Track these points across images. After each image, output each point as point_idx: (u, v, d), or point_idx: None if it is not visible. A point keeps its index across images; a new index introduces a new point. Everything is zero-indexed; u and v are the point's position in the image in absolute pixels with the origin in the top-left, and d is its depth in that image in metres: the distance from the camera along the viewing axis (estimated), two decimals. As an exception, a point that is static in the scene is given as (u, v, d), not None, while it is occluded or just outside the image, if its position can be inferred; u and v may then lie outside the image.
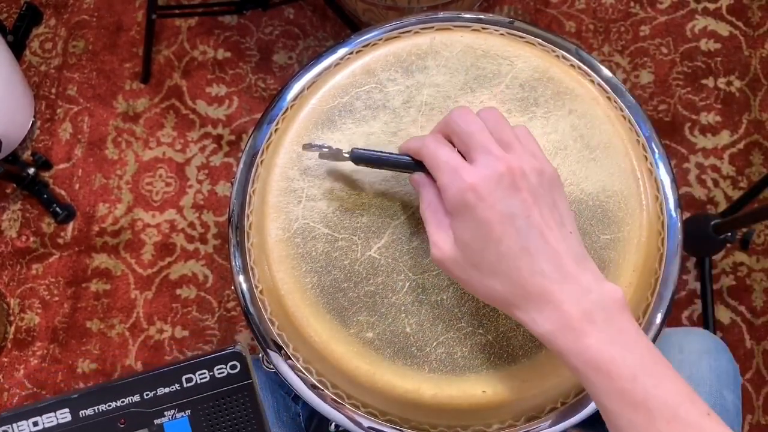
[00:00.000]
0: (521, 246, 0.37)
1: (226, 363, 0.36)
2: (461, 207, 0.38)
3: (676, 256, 0.50)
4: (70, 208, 1.29)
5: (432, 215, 0.41)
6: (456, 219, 0.39)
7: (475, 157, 0.39)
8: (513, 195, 0.37)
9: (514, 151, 0.39)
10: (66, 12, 1.42)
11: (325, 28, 1.37)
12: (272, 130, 0.53)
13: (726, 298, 1.18)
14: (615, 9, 1.33)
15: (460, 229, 0.38)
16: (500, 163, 0.37)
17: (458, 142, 0.40)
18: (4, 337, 1.24)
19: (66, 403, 0.35)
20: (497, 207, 0.37)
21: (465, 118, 0.40)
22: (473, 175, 0.37)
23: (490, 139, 0.39)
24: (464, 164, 0.39)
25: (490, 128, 0.40)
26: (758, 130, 1.25)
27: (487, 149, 0.38)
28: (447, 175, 0.39)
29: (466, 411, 0.44)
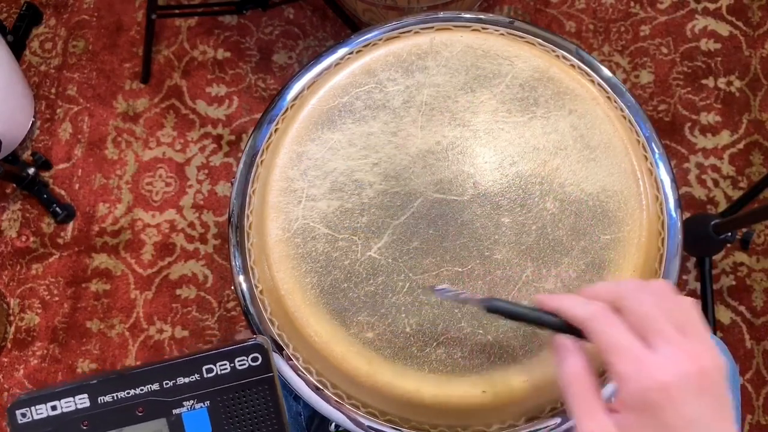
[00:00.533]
0: None
1: (247, 355, 0.36)
2: (644, 406, 0.34)
3: (676, 256, 0.50)
4: (70, 208, 1.29)
5: (581, 393, 0.37)
6: (631, 415, 0.35)
7: (655, 344, 0.35)
8: (700, 400, 0.34)
9: (691, 339, 0.35)
10: (66, 12, 1.42)
11: (325, 28, 1.37)
12: (272, 130, 0.53)
13: (726, 298, 1.18)
14: (615, 9, 1.33)
15: (634, 427, 0.34)
16: (686, 358, 0.34)
17: (632, 322, 0.36)
18: (4, 337, 1.24)
19: (85, 388, 0.35)
20: (684, 413, 0.34)
21: (641, 297, 0.36)
22: (663, 372, 0.34)
23: (669, 325, 0.35)
24: (649, 355, 0.35)
25: (664, 307, 0.36)
26: (758, 130, 1.25)
27: (669, 338, 0.35)
28: (630, 363, 0.34)
29: (466, 411, 0.44)
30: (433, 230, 0.47)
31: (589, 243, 0.47)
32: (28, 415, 0.34)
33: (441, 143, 0.50)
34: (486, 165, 0.49)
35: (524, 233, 0.47)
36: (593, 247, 0.47)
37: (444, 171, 0.49)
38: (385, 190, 0.49)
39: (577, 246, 0.47)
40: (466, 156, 0.49)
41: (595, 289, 0.39)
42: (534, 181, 0.49)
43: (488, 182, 0.48)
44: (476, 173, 0.49)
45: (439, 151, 0.49)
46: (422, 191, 0.48)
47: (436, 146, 0.50)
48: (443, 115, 0.50)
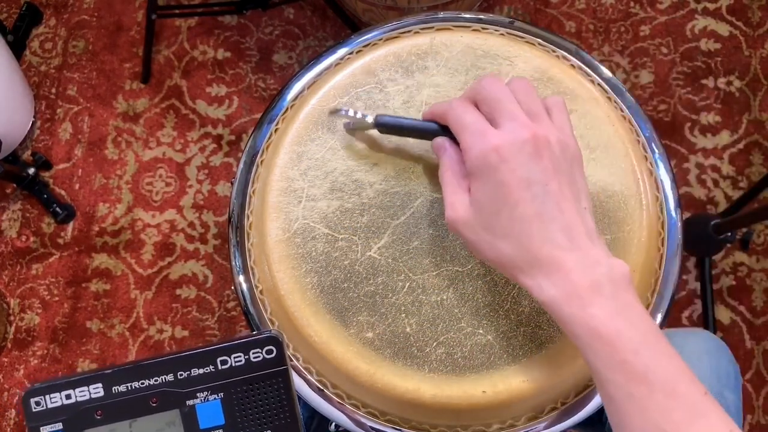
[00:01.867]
0: (536, 212, 0.37)
1: (262, 347, 0.36)
2: (482, 167, 0.38)
3: (676, 256, 0.50)
4: (70, 208, 1.29)
5: (450, 177, 0.41)
6: (475, 180, 0.39)
7: (501, 122, 0.39)
8: (535, 162, 0.37)
9: (540, 121, 0.39)
10: (66, 12, 1.42)
11: (325, 28, 1.37)
12: (272, 130, 0.53)
13: (726, 298, 1.18)
14: (615, 9, 1.33)
15: (478, 190, 0.39)
16: (525, 130, 0.38)
17: (485, 109, 0.40)
18: (4, 337, 1.24)
19: (100, 378, 0.35)
20: (518, 171, 0.37)
21: (494, 86, 0.40)
22: (498, 138, 0.38)
23: (518, 107, 0.39)
24: (490, 128, 0.39)
25: (519, 98, 0.40)
26: (758, 130, 1.25)
27: (513, 116, 0.39)
28: (472, 136, 0.39)
29: (466, 411, 0.44)
30: (433, 230, 0.47)
31: (589, 243, 0.47)
32: (42, 404, 0.34)
33: (441, 143, 0.50)
34: (486, 165, 0.49)
35: (524, 233, 0.47)
36: (593, 247, 0.47)
37: (444, 171, 0.49)
38: (385, 190, 0.49)
39: (577, 246, 0.47)
40: (466, 156, 0.49)
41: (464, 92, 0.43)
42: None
43: (488, 182, 0.48)
44: (476, 173, 0.49)
45: (439, 151, 0.49)
46: (422, 191, 0.48)
47: (436, 146, 0.50)
48: (443, 115, 0.50)
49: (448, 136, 0.43)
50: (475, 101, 0.41)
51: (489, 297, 0.46)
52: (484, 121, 0.40)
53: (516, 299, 0.45)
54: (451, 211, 0.40)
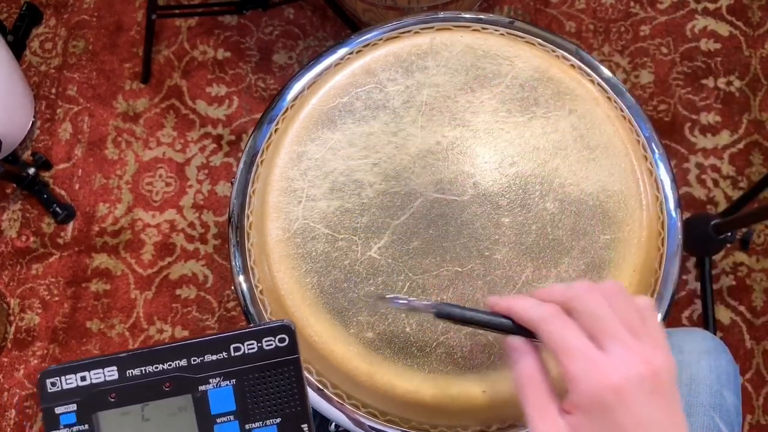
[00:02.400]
0: None
1: (275, 335, 0.36)
2: (596, 407, 0.34)
3: (676, 256, 0.50)
4: (70, 208, 1.29)
5: (534, 394, 0.37)
6: (583, 416, 0.35)
7: (607, 346, 0.35)
8: (652, 401, 0.34)
9: (644, 341, 0.36)
10: (66, 12, 1.42)
11: (325, 28, 1.37)
12: (272, 130, 0.53)
13: (726, 298, 1.18)
14: (615, 9, 1.33)
15: (586, 428, 0.35)
16: (639, 360, 0.34)
17: (584, 324, 0.36)
18: (4, 337, 1.24)
19: (115, 361, 0.35)
20: (636, 413, 0.34)
21: (592, 298, 0.36)
22: (615, 373, 0.34)
23: (621, 326, 0.36)
24: (601, 356, 0.35)
25: (616, 309, 0.36)
26: (758, 130, 1.25)
27: (620, 339, 0.35)
28: (582, 365, 0.35)
29: (466, 411, 0.44)
30: (433, 230, 0.47)
31: (588, 243, 0.47)
32: (58, 385, 0.35)
33: (441, 143, 0.50)
34: (486, 165, 0.49)
35: (524, 233, 0.47)
36: (593, 247, 0.47)
37: (444, 171, 0.49)
38: (385, 190, 0.49)
39: (577, 246, 0.47)
40: (466, 156, 0.49)
41: (548, 290, 0.38)
42: (534, 181, 0.49)
43: (488, 182, 0.48)
44: (476, 173, 0.49)
45: (439, 151, 0.49)
46: (422, 191, 0.48)
47: (436, 146, 0.50)
48: (443, 115, 0.50)
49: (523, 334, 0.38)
50: (569, 311, 0.37)
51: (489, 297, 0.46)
52: (589, 343, 0.35)
53: (516, 299, 0.45)
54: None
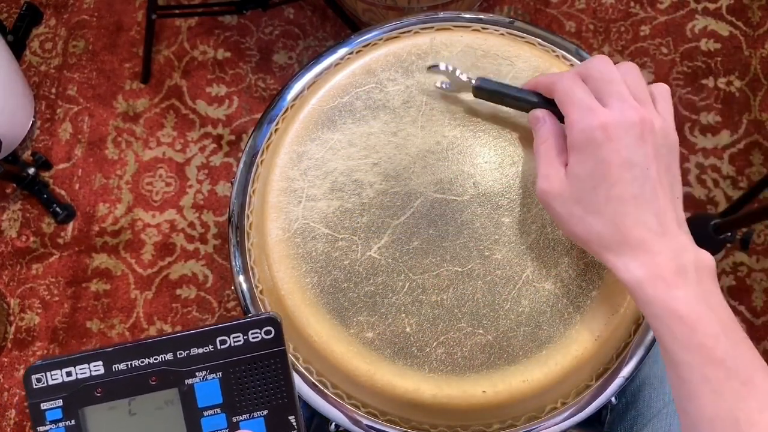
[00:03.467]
0: (633, 194, 0.38)
1: (260, 328, 0.36)
2: (586, 142, 0.38)
3: (676, 256, 0.50)
4: (70, 208, 1.29)
5: (546, 150, 0.42)
6: (576, 153, 0.39)
7: (609, 102, 0.39)
8: (639, 145, 0.38)
9: (647, 106, 0.39)
10: (66, 12, 1.42)
11: (325, 28, 1.37)
12: (272, 130, 0.53)
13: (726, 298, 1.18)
14: (615, 9, 1.33)
15: (577, 164, 0.39)
16: (634, 112, 0.38)
17: (594, 87, 0.40)
18: (4, 337, 1.24)
19: (100, 356, 0.35)
20: (622, 152, 0.38)
21: (605, 66, 0.40)
22: (606, 116, 0.38)
23: (627, 89, 0.39)
24: (599, 105, 0.39)
25: (628, 81, 0.40)
26: (758, 130, 1.25)
27: (622, 97, 0.39)
28: (580, 110, 0.39)
29: (466, 411, 0.44)
30: (433, 230, 0.47)
31: (589, 243, 0.47)
32: (43, 380, 0.35)
33: (441, 143, 0.50)
34: (486, 165, 0.49)
35: (524, 233, 0.47)
36: (593, 247, 0.47)
37: (444, 171, 0.49)
38: (385, 190, 0.49)
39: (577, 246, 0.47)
40: (466, 156, 0.49)
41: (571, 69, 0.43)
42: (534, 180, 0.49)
43: (488, 182, 0.48)
44: (476, 173, 0.49)
45: (439, 151, 0.49)
46: (422, 191, 0.48)
47: (436, 146, 0.50)
48: (443, 115, 0.50)
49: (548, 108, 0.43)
50: (584, 78, 0.41)
51: (489, 297, 0.46)
52: (593, 97, 0.40)
53: (516, 299, 0.45)
54: (545, 183, 0.41)
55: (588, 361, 0.45)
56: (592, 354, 0.44)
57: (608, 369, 0.46)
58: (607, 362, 0.47)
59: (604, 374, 0.46)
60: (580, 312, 0.45)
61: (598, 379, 0.46)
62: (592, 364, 0.46)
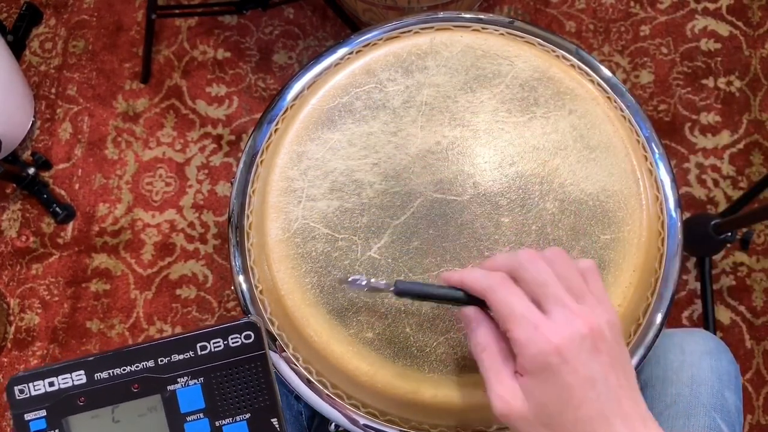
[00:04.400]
0: (599, 412, 0.36)
1: (240, 333, 0.36)
2: (542, 369, 0.36)
3: (676, 256, 0.50)
4: (70, 208, 1.29)
5: (490, 361, 0.38)
6: (532, 379, 0.37)
7: (550, 310, 0.37)
8: (594, 358, 0.36)
9: (587, 302, 0.38)
10: (66, 12, 1.42)
11: (325, 28, 1.37)
12: (272, 130, 0.53)
13: (726, 298, 1.18)
14: (615, 9, 1.33)
15: (537, 389, 0.37)
16: (580, 321, 0.36)
17: (529, 291, 0.38)
18: (4, 337, 1.24)
19: (82, 365, 0.35)
20: (580, 371, 0.36)
21: (536, 266, 0.38)
22: (556, 336, 0.36)
23: (564, 290, 0.37)
24: (544, 320, 0.37)
25: (559, 274, 0.38)
26: (758, 130, 1.25)
27: (563, 302, 0.37)
28: (526, 331, 0.36)
29: (466, 411, 0.44)
30: (433, 230, 0.47)
31: (588, 243, 0.47)
32: (26, 391, 0.35)
33: (441, 143, 0.50)
34: (486, 165, 0.49)
35: (524, 233, 0.47)
36: (593, 247, 0.47)
37: (444, 171, 0.49)
38: (385, 190, 0.49)
39: (577, 246, 0.47)
40: (466, 156, 0.49)
41: (494, 260, 0.40)
42: (534, 181, 0.49)
43: (488, 182, 0.48)
44: (476, 173, 0.49)
45: (439, 151, 0.49)
46: (422, 191, 0.48)
47: (436, 146, 0.50)
48: (443, 115, 0.50)
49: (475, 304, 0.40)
50: (515, 279, 0.39)
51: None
52: (535, 309, 0.37)
53: (516, 299, 0.45)
54: (501, 405, 0.37)
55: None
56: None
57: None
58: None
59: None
60: (580, 312, 0.45)
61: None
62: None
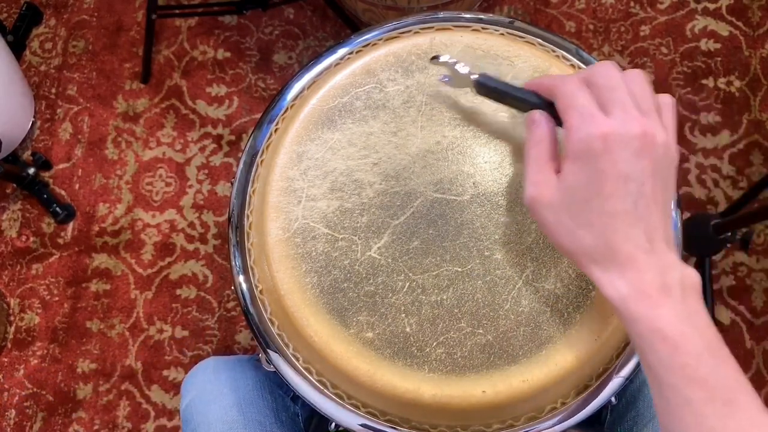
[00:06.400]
0: (626, 209, 0.37)
1: None
2: (584, 151, 0.37)
3: (676, 256, 0.50)
4: (70, 208, 1.29)
5: (538, 154, 0.40)
6: (571, 162, 0.38)
7: (612, 111, 0.37)
8: (638, 159, 0.36)
9: (650, 118, 0.38)
10: (66, 12, 1.42)
11: (325, 28, 1.37)
12: (272, 130, 0.53)
13: (726, 298, 1.18)
14: (615, 9, 1.33)
15: (572, 173, 0.38)
16: (636, 123, 0.37)
17: (598, 95, 0.38)
18: (4, 337, 1.24)
19: None
20: (619, 165, 0.36)
21: (610, 72, 0.39)
22: (607, 126, 0.37)
23: (631, 99, 0.38)
24: (600, 113, 0.37)
25: (633, 90, 0.38)
26: (758, 130, 1.25)
27: (625, 107, 0.37)
28: (581, 117, 0.37)
29: (466, 411, 0.44)
30: (433, 230, 0.47)
31: (589, 243, 0.47)
32: None
33: (441, 143, 0.50)
34: (486, 165, 0.49)
35: (524, 233, 0.47)
36: (593, 247, 0.47)
37: (444, 171, 0.49)
38: (385, 190, 0.49)
39: (577, 246, 0.47)
40: (466, 156, 0.49)
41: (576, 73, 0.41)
42: (533, 181, 0.49)
43: (488, 182, 0.48)
44: (476, 173, 0.49)
45: (439, 151, 0.49)
46: (422, 191, 0.48)
47: (436, 146, 0.50)
48: (443, 115, 0.50)
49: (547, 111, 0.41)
50: (588, 84, 0.39)
51: (489, 297, 0.46)
52: (596, 105, 0.38)
53: (516, 299, 0.45)
54: (534, 190, 0.39)
55: (588, 361, 0.45)
56: (591, 354, 0.44)
57: (608, 369, 0.46)
58: (607, 362, 0.47)
59: (604, 374, 0.46)
60: (580, 312, 0.45)
61: (598, 379, 0.46)
62: (592, 364, 0.46)
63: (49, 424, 1.20)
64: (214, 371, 0.64)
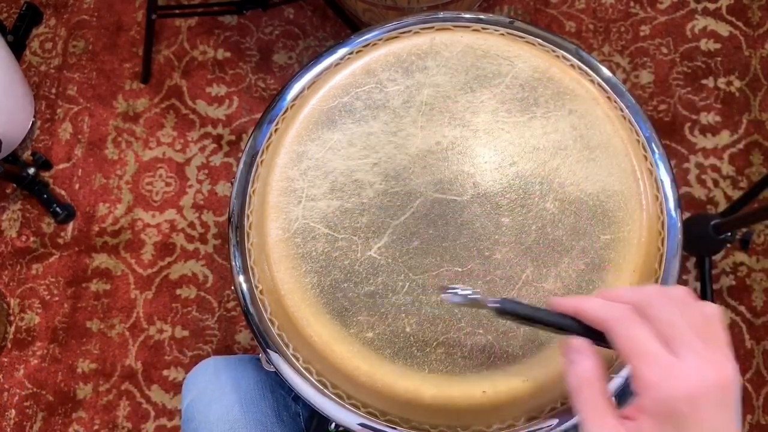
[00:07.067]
0: None
1: None
2: (668, 414, 0.33)
3: (676, 256, 0.50)
4: (70, 208, 1.29)
5: (592, 398, 0.36)
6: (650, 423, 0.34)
7: (680, 353, 0.34)
8: (722, 413, 0.34)
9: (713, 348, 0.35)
10: (66, 12, 1.42)
11: (325, 28, 1.37)
12: (272, 130, 0.53)
13: (726, 298, 1.18)
14: (615, 9, 1.33)
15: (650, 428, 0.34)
16: (712, 370, 0.34)
17: (657, 329, 0.35)
18: (4, 337, 1.24)
19: None
20: (705, 424, 0.33)
21: (665, 303, 0.36)
22: (689, 382, 0.33)
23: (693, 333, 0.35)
24: (676, 363, 0.34)
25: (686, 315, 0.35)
26: (758, 130, 1.25)
27: (693, 347, 0.34)
28: (657, 371, 0.34)
29: (466, 411, 0.44)
30: (433, 230, 0.47)
31: (588, 243, 0.47)
32: None
33: (441, 143, 0.50)
34: (486, 165, 0.49)
35: (524, 233, 0.47)
36: (593, 247, 0.47)
37: (444, 171, 0.49)
38: (385, 190, 0.49)
39: (577, 246, 0.47)
40: (466, 156, 0.49)
41: (617, 292, 0.37)
42: (534, 181, 0.49)
43: (488, 182, 0.48)
44: (476, 173, 0.49)
45: (439, 151, 0.49)
46: (422, 191, 0.48)
47: (436, 146, 0.50)
48: (443, 115, 0.50)
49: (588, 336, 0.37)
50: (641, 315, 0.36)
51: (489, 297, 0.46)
52: (663, 348, 0.35)
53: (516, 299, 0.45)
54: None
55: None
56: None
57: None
58: (607, 363, 0.47)
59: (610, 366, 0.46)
60: (580, 312, 0.45)
61: (599, 379, 0.46)
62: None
63: (49, 424, 1.20)
64: (215, 371, 0.64)
